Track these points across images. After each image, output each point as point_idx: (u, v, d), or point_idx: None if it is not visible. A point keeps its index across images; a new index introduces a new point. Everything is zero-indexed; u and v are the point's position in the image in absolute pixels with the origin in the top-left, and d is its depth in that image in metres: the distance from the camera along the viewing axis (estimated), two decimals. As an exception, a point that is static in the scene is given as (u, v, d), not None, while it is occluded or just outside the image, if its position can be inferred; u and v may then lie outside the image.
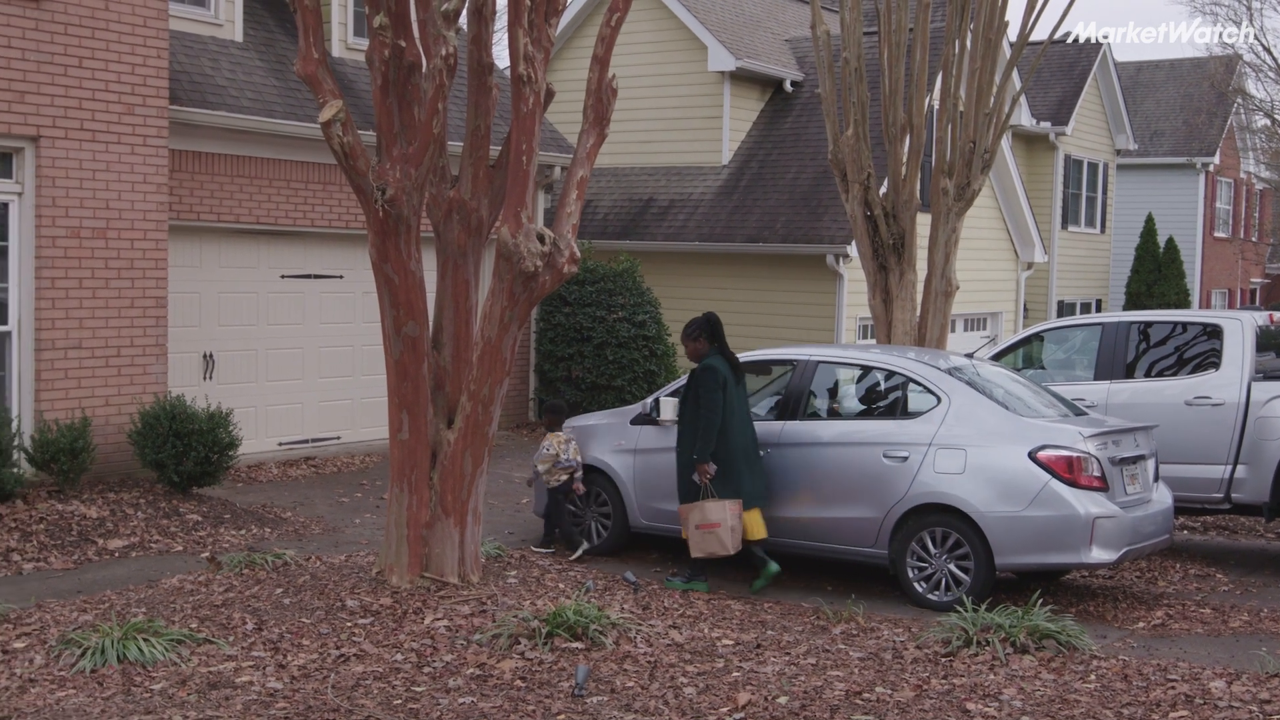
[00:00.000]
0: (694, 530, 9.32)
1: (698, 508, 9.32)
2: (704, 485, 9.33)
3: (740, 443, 9.44)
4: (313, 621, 7.68)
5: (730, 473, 9.38)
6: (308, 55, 8.29)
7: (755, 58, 20.46)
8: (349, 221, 14.77)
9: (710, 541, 9.27)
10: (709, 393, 9.32)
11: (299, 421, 14.62)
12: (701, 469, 9.30)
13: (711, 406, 9.29)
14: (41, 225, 11.25)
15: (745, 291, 19.48)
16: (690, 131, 20.76)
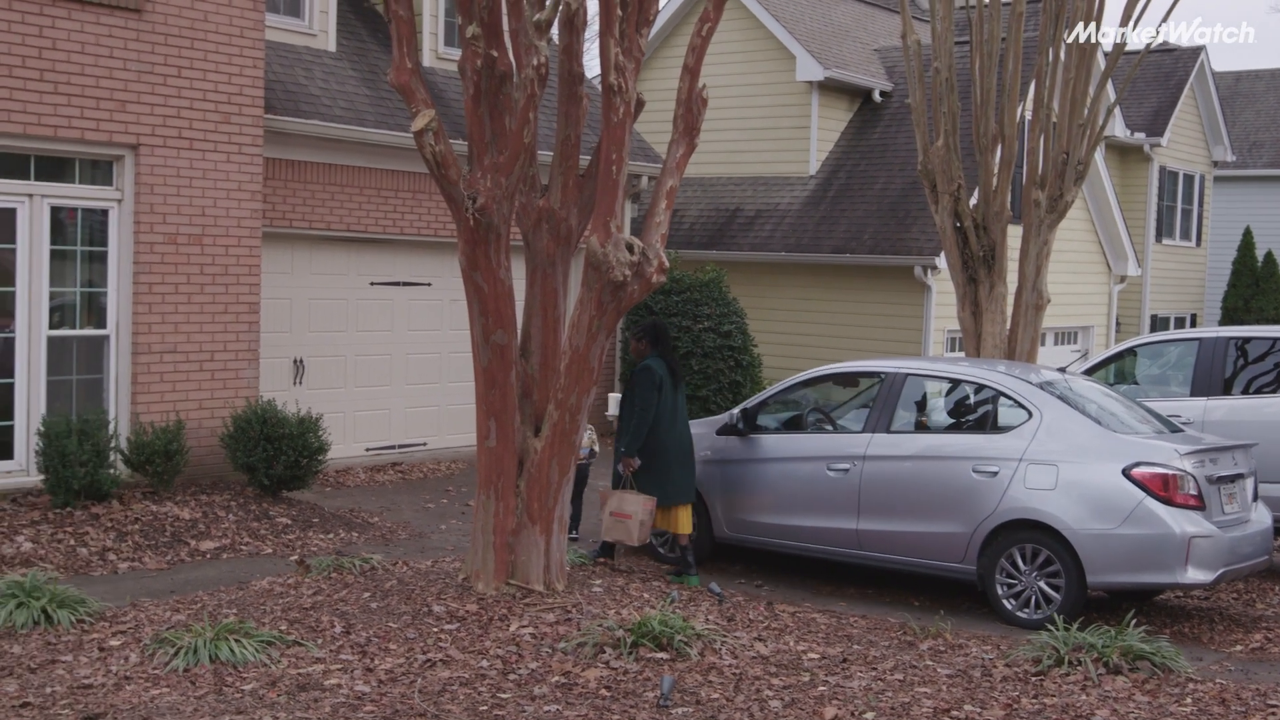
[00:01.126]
0: (608, 516, 9.73)
1: (616, 496, 9.75)
2: (626, 476, 9.76)
3: (671, 442, 9.83)
4: (399, 626, 7.74)
5: (658, 470, 9.78)
6: (401, 65, 8.37)
7: (844, 67, 20.35)
8: (438, 229, 14.90)
9: (619, 530, 9.71)
10: (644, 391, 9.74)
11: (386, 427, 14.77)
12: (626, 462, 9.73)
13: (644, 405, 9.71)
14: (140, 231, 11.48)
15: (831, 303, 19.36)
16: (777, 141, 20.69)
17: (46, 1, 10.79)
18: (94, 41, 11.10)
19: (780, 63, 20.37)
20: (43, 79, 10.82)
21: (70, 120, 11.00)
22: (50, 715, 6.21)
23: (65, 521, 10.17)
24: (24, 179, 10.97)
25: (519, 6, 8.53)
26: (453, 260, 15.10)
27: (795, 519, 10.02)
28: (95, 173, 11.41)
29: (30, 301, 11.00)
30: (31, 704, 6.35)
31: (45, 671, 6.88)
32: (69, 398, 11.27)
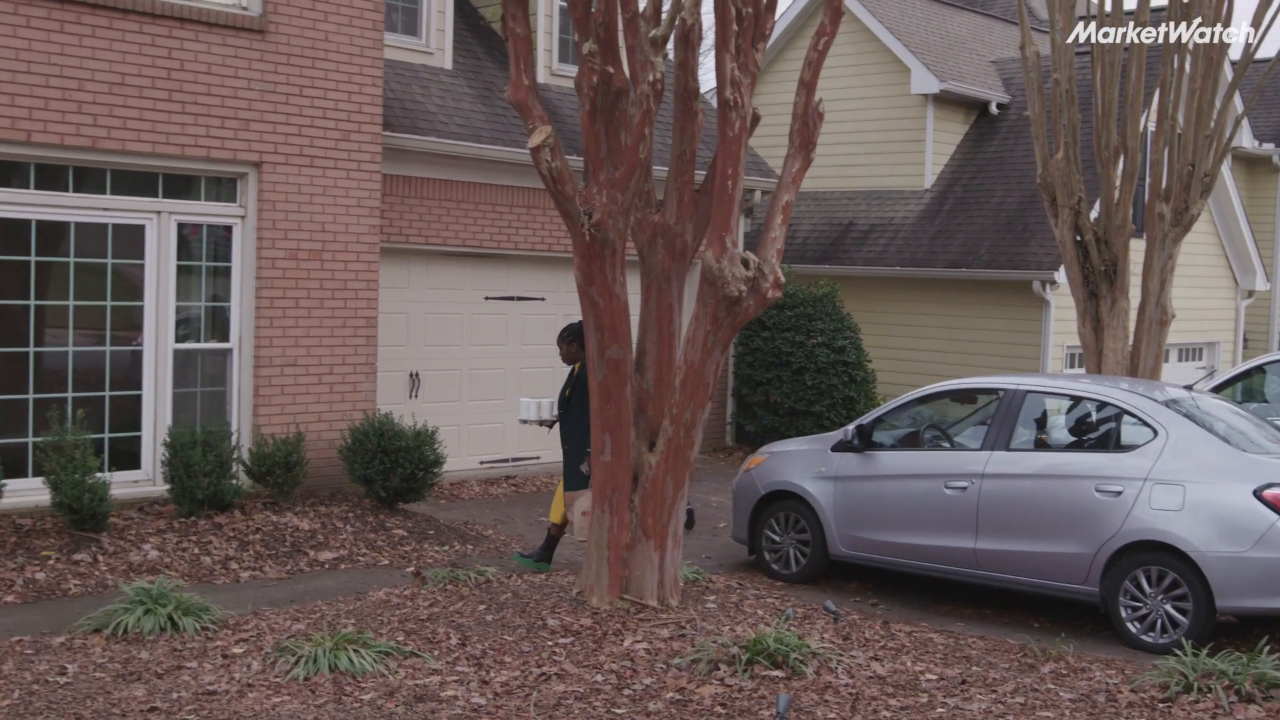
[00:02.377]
0: (579, 516, 9.72)
1: (587, 496, 9.61)
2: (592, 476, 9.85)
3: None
4: (514, 639, 7.78)
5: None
6: (518, 82, 8.44)
7: (959, 80, 20.11)
8: (551, 245, 15.00)
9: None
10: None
11: (500, 440, 14.89)
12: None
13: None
14: (262, 247, 11.73)
15: (946, 318, 19.11)
16: (891, 155, 20.50)
17: (176, 24, 11.09)
18: (220, 62, 11.38)
19: (894, 75, 20.19)
20: (171, 99, 11.11)
21: (197, 139, 11.28)
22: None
23: (190, 530, 10.40)
24: (152, 196, 11.27)
25: (635, 23, 8.56)
26: (566, 275, 15.23)
27: (911, 537, 9.89)
28: (220, 190, 11.68)
29: (158, 316, 11.29)
30: (159, 709, 6.49)
31: (171, 677, 7.03)
32: (193, 409, 11.54)
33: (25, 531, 9.99)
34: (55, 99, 10.50)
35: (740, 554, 11.33)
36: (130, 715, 6.40)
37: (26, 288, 10.68)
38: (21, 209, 10.58)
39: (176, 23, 11.12)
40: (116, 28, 10.79)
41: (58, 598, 8.96)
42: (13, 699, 6.59)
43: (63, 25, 10.51)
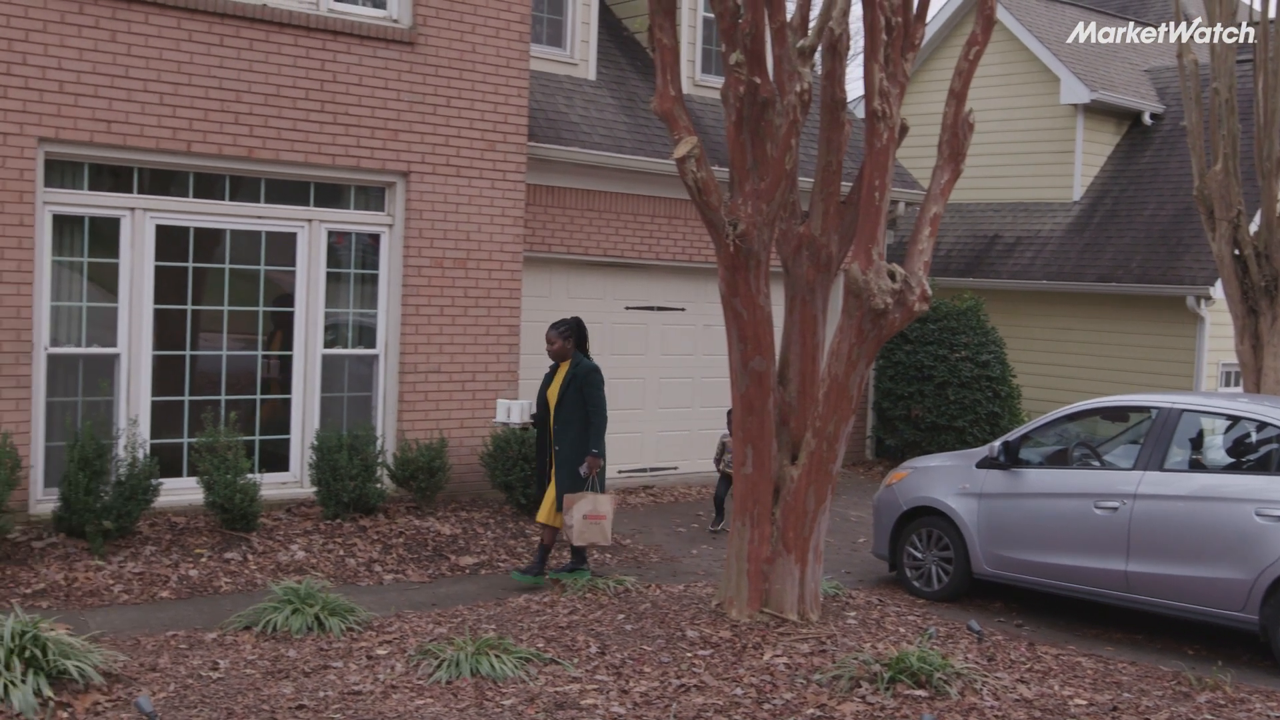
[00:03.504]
0: (580, 520, 9.59)
1: (588, 499, 9.62)
2: (592, 478, 9.69)
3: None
4: (654, 649, 7.77)
5: (604, 470, 9.89)
6: (664, 93, 8.45)
7: (1111, 89, 19.62)
8: (692, 255, 15.00)
9: (594, 532, 9.65)
10: (599, 391, 9.79)
11: (638, 450, 14.92)
12: (594, 462, 9.68)
13: (602, 403, 9.77)
14: (408, 255, 11.92)
15: (1094, 333, 18.64)
16: (1039, 166, 20.09)
17: (329, 37, 11.34)
18: (370, 74, 11.61)
19: (1043, 85, 19.79)
20: (323, 110, 11.37)
21: (347, 149, 11.52)
22: (323, 719, 6.45)
23: (335, 532, 10.61)
24: (304, 205, 11.54)
25: (783, 33, 8.52)
26: (707, 285, 15.22)
27: (1058, 557, 9.64)
28: (368, 199, 11.91)
29: (307, 322, 11.55)
30: (306, 706, 6.62)
31: (318, 676, 7.16)
32: (340, 414, 11.78)
33: (180, 529, 10.29)
34: (214, 110, 10.81)
35: (880, 570, 11.18)
36: (279, 712, 6.54)
37: (184, 293, 11.01)
38: (181, 217, 10.91)
39: (330, 35, 11.37)
40: (273, 41, 11.07)
41: (209, 594, 9.21)
42: (168, 691, 6.78)
43: (222, 39, 10.82)
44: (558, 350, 9.95)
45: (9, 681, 6.28)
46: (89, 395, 10.53)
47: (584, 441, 9.72)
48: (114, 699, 6.59)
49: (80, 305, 10.53)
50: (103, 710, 6.43)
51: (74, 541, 9.69)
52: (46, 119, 10.05)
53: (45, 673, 6.44)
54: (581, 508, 9.59)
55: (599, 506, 9.64)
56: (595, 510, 9.63)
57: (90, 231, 10.53)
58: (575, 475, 9.71)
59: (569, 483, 9.74)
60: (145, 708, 6.23)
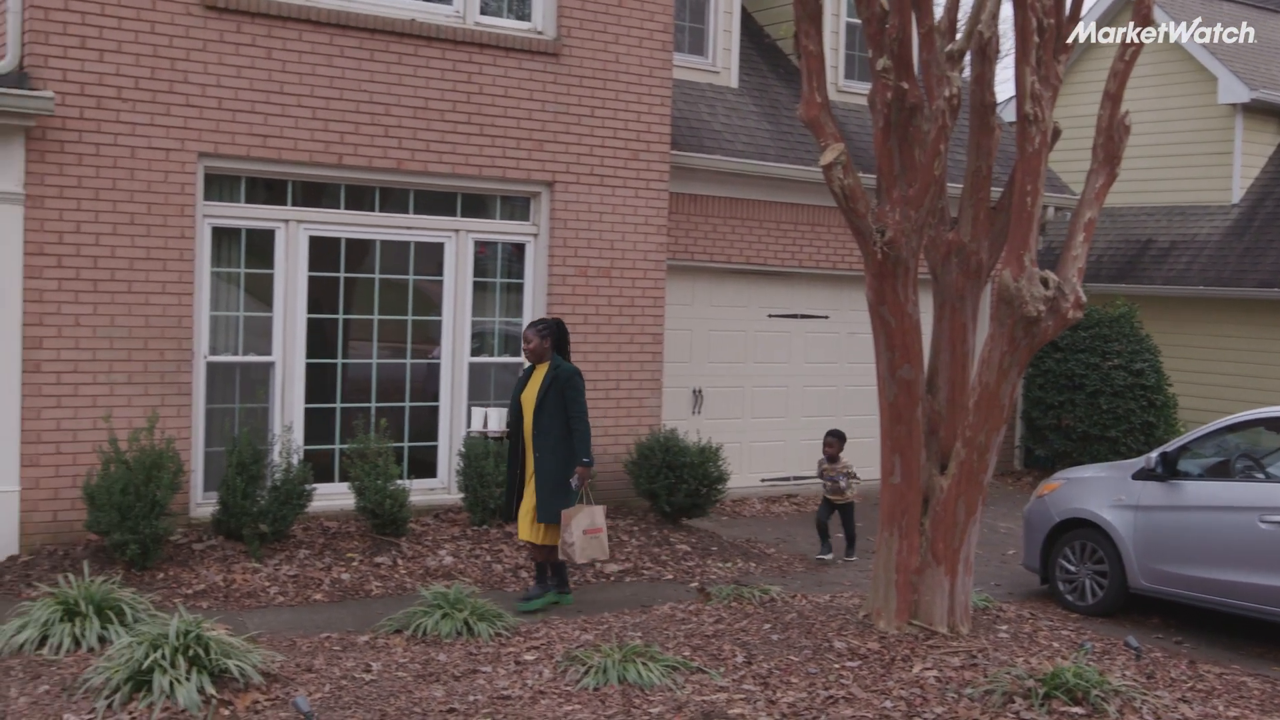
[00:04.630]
0: (580, 535, 9.03)
1: (585, 512, 9.09)
2: (583, 490, 9.18)
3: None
4: (800, 660, 7.70)
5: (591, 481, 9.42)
6: (810, 100, 8.39)
7: (1273, 88, 18.95)
8: (836, 262, 14.88)
9: (595, 547, 9.14)
10: (581, 396, 9.24)
11: (781, 458, 14.84)
12: (584, 473, 9.15)
13: (584, 410, 9.23)
14: (553, 264, 12.04)
15: (1254, 340, 18.00)
16: (1194, 169, 19.48)
17: (476, 49, 11.51)
18: (516, 85, 11.75)
19: (1199, 84, 19.20)
20: (470, 122, 11.54)
21: (493, 160, 11.67)
22: (473, 724, 6.53)
23: (482, 538, 10.74)
24: (451, 215, 11.73)
25: (930, 38, 8.40)
26: (851, 293, 15.09)
27: (1220, 573, 9.32)
28: (513, 209, 12.05)
29: (454, 330, 11.73)
30: (457, 710, 6.71)
31: (468, 680, 7.25)
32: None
33: (332, 534, 10.52)
34: (365, 124, 11.05)
35: (1030, 582, 10.94)
36: (431, 715, 6.63)
37: (336, 302, 11.26)
38: (333, 228, 11.17)
39: (476, 48, 11.54)
40: (421, 55, 11.27)
41: (360, 598, 9.39)
42: (324, 692, 6.93)
43: (373, 54, 11.05)
44: (534, 350, 9.31)
45: (174, 679, 6.48)
46: (245, 402, 10.83)
47: (565, 450, 9.13)
48: (272, 698, 6.75)
49: (237, 315, 10.84)
50: (262, 709, 6.60)
51: (232, 544, 9.97)
52: (206, 135, 10.38)
53: (208, 671, 6.63)
54: (580, 522, 9.02)
55: (596, 519, 9.09)
56: (594, 524, 9.08)
57: (246, 243, 10.84)
58: (558, 487, 9.12)
59: (552, 496, 9.13)
60: (303, 707, 6.37)
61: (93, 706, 6.40)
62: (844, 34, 15.66)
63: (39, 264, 9.78)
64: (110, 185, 10.01)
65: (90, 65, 9.90)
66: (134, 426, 9.86)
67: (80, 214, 9.92)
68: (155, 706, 6.35)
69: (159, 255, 10.21)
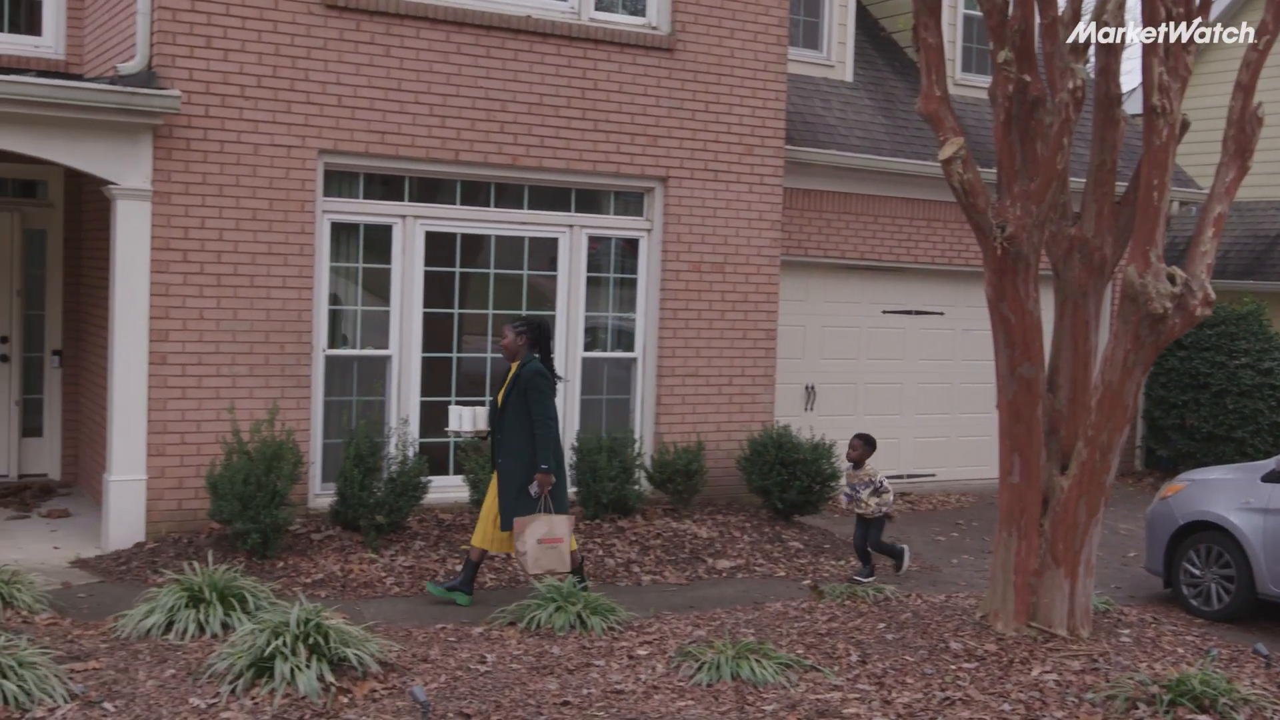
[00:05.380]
0: (534, 544, 8.64)
1: (542, 520, 8.70)
2: (544, 497, 8.78)
3: (561, 452, 9.02)
4: (916, 660, 7.61)
5: (562, 485, 8.96)
6: (929, 93, 8.27)
7: None
8: (951, 258, 14.68)
9: (551, 558, 8.71)
10: (545, 398, 8.84)
11: (894, 457, 14.68)
12: (544, 480, 8.76)
13: (550, 413, 8.82)
14: (666, 260, 12.03)
15: (1389, 339, 17.36)
16: (1326, 162, 18.86)
17: (590, 45, 11.54)
18: (630, 81, 11.76)
19: (1331, 76, 18.56)
20: (584, 117, 11.57)
21: (607, 155, 11.70)
22: (588, 716, 6.55)
23: (594, 532, 10.78)
24: (565, 211, 11.78)
25: (1053, 29, 8.23)
26: (966, 289, 14.87)
27: (1353, 579, 9.03)
28: (627, 204, 12.07)
29: (568, 325, 11.78)
30: (571, 703, 6.73)
31: (581, 674, 7.28)
32: (598, 416, 11.97)
33: (446, 526, 10.63)
34: (480, 120, 11.14)
35: (1153, 586, 10.70)
36: (545, 707, 6.67)
37: (451, 297, 11.37)
38: (449, 223, 11.28)
39: (591, 44, 11.57)
40: (536, 51, 11.34)
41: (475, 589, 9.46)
42: (439, 682, 7.00)
43: (489, 50, 11.13)
44: (507, 347, 9.02)
45: (295, 666, 6.59)
46: (362, 395, 10.99)
47: (530, 454, 8.80)
48: (389, 687, 6.84)
49: (355, 309, 11.01)
50: (379, 697, 6.68)
51: (348, 534, 10.13)
52: (326, 132, 10.54)
53: (327, 659, 6.73)
54: (535, 531, 8.66)
55: (554, 529, 8.71)
56: (551, 534, 8.69)
57: (364, 238, 10.99)
58: (520, 493, 8.82)
59: (513, 501, 8.83)
60: (420, 697, 6.44)
61: (217, 691, 6.54)
62: (961, 26, 15.44)
63: (165, 259, 10.01)
64: (234, 181, 10.22)
65: (215, 64, 10.11)
66: (255, 418, 10.07)
67: (205, 210, 10.14)
68: (277, 693, 6.47)
69: (280, 250, 10.40)
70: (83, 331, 12.15)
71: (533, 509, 8.79)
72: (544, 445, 8.79)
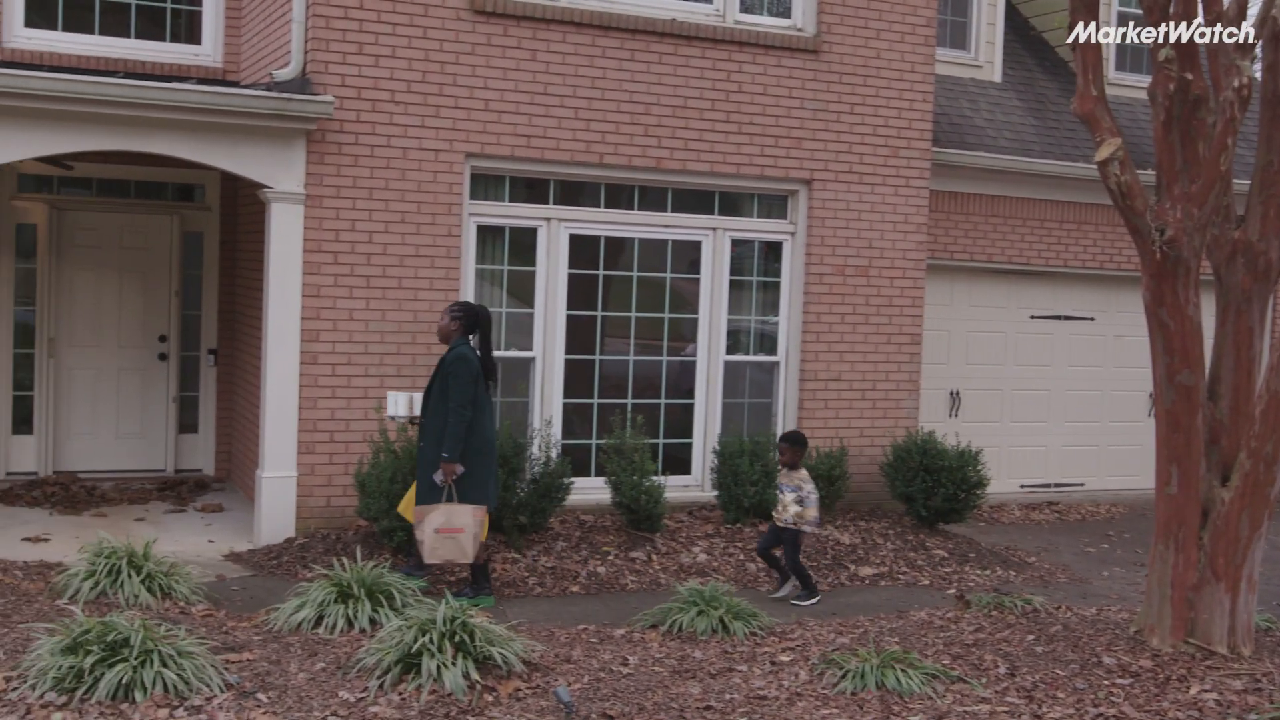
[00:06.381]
0: (430, 534, 8.47)
1: (441, 510, 8.52)
2: (448, 486, 8.60)
3: (489, 442, 8.79)
4: (1067, 675, 7.41)
5: (480, 475, 8.73)
6: (1085, 93, 8.06)
7: None
8: (1103, 262, 14.31)
9: (449, 548, 8.54)
10: (463, 385, 8.57)
11: (1041, 464, 14.36)
12: (448, 469, 8.57)
13: (463, 401, 8.56)
14: (810, 263, 11.93)
15: None
16: None
17: (735, 48, 11.51)
18: (775, 83, 11.69)
19: None
20: (728, 120, 11.54)
21: (751, 158, 11.64)
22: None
23: (735, 537, 10.73)
24: (708, 214, 11.75)
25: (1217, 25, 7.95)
26: (1119, 294, 14.49)
27: None
28: (770, 207, 12.00)
29: (710, 328, 11.75)
30: (714, 708, 6.70)
31: (723, 679, 7.24)
32: (740, 420, 11.92)
33: (588, 527, 10.68)
34: (625, 123, 11.17)
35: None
36: (688, 711, 6.64)
37: (594, 300, 11.43)
38: (592, 226, 11.33)
39: (736, 46, 11.53)
40: (681, 54, 11.33)
41: (615, 591, 9.50)
42: (582, 683, 7.02)
43: (633, 54, 11.16)
44: (440, 330, 8.90)
45: (441, 663, 6.67)
46: (505, 396, 11.10)
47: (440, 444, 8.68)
48: (533, 686, 6.88)
49: (499, 311, 11.11)
50: (523, 696, 6.73)
51: (492, 534, 10.21)
52: (474, 135, 10.67)
53: (472, 657, 6.80)
54: (433, 520, 8.53)
55: (454, 519, 8.55)
56: (448, 523, 8.53)
57: (509, 241, 11.10)
58: (432, 483, 8.70)
59: (425, 489, 8.73)
60: (564, 697, 6.47)
61: (365, 685, 6.64)
62: (1115, 23, 15.04)
63: (317, 260, 10.23)
64: (383, 185, 10.40)
65: (366, 70, 10.31)
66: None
67: (355, 213, 10.34)
68: (423, 689, 6.55)
69: (428, 253, 10.55)
70: (236, 331, 12.49)
71: (437, 498, 8.67)
72: (450, 432, 8.59)
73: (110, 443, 12.55)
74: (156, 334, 12.66)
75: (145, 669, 6.30)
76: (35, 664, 6.36)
